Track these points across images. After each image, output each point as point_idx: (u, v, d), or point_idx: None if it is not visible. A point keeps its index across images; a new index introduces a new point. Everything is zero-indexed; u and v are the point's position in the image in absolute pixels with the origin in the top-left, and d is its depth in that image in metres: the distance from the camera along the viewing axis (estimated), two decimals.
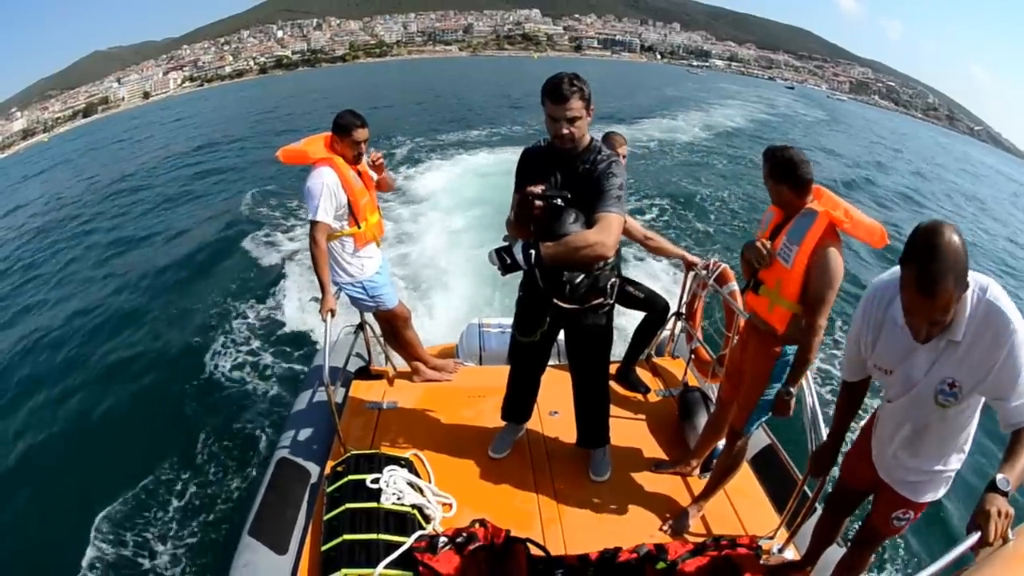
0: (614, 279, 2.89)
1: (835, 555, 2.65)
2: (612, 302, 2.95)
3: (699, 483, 3.27)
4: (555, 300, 2.76)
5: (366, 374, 4.26)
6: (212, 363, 6.92)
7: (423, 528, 2.82)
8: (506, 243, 2.53)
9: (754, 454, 3.39)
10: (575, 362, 3.17)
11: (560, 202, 2.53)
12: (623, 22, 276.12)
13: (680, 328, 4.42)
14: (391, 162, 14.55)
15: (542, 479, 3.31)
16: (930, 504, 2.15)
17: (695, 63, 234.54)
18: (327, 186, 3.31)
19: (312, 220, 3.33)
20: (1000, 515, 1.56)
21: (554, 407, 3.78)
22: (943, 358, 1.76)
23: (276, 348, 7.19)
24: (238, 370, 6.75)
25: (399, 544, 2.63)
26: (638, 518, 3.09)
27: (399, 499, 2.91)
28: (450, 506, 3.09)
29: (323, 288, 3.38)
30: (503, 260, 2.47)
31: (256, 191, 15.01)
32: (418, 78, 70.52)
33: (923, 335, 1.67)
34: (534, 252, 2.42)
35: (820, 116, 54.39)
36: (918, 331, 1.67)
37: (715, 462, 3.18)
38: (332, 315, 3.35)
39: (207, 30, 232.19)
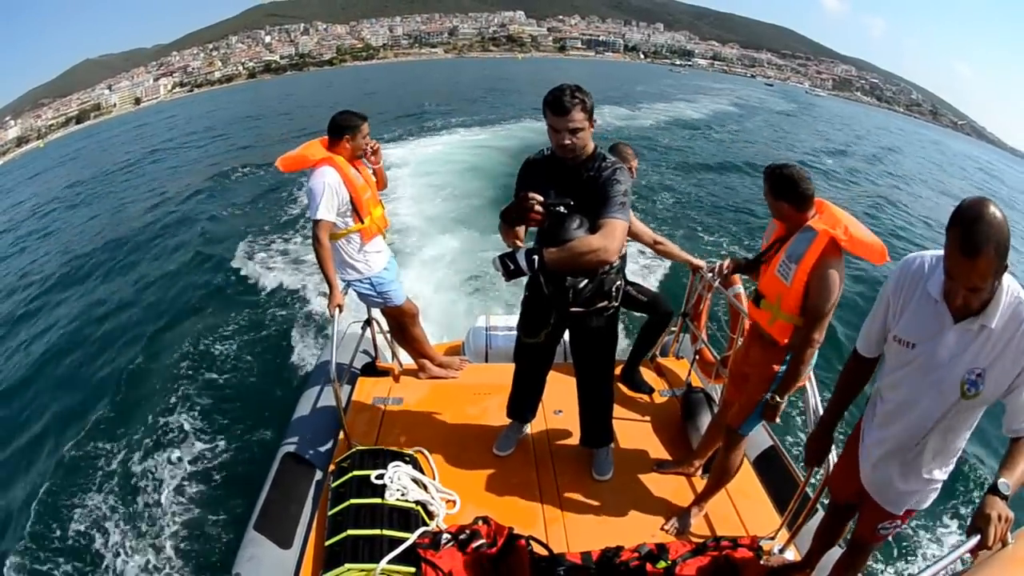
0: (619, 283, 2.89)
1: (834, 555, 2.67)
2: (617, 305, 2.95)
3: (701, 483, 3.27)
4: (560, 304, 2.78)
5: (372, 370, 4.28)
6: (218, 358, 6.96)
7: (427, 524, 2.83)
8: (510, 249, 2.53)
9: (756, 455, 3.41)
10: (580, 363, 3.17)
11: (563, 209, 2.53)
12: (607, 23, 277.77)
13: (685, 329, 4.43)
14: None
15: (545, 477, 3.32)
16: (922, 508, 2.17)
17: (678, 62, 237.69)
18: (328, 185, 3.34)
19: (314, 219, 3.36)
20: (1000, 519, 1.57)
21: (558, 406, 3.80)
22: (975, 344, 1.73)
23: (283, 343, 7.22)
24: (244, 364, 6.78)
25: (402, 540, 2.65)
26: (640, 517, 3.10)
27: (403, 495, 2.92)
28: (454, 503, 3.10)
29: (330, 284, 3.41)
30: (507, 266, 2.47)
31: (257, 191, 15.21)
32: (407, 79, 70.76)
33: (959, 300, 1.68)
34: (537, 258, 2.43)
35: (788, 109, 57.05)
36: (955, 296, 1.68)
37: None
38: (339, 311, 3.38)
39: (196, 36, 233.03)
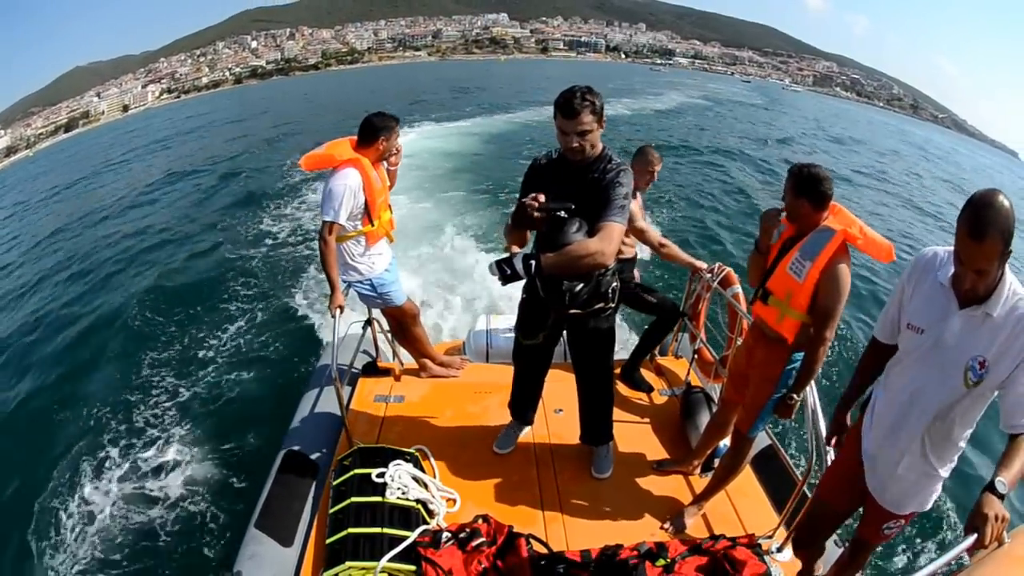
0: (615, 284, 2.90)
1: (832, 555, 2.69)
2: (613, 306, 2.96)
3: (700, 482, 3.30)
4: (559, 308, 2.80)
5: (373, 369, 4.29)
6: (220, 357, 6.97)
7: (427, 523, 2.85)
8: (507, 254, 2.54)
9: (755, 454, 3.41)
10: (579, 363, 3.19)
11: (564, 213, 2.54)
12: (589, 23, 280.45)
13: (684, 329, 4.45)
14: None
15: (545, 476, 3.34)
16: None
17: (658, 61, 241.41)
18: (349, 188, 3.33)
19: (325, 220, 3.35)
20: (996, 519, 1.59)
21: (559, 405, 3.82)
22: (979, 331, 1.82)
23: (285, 343, 7.22)
24: (246, 363, 6.79)
25: (403, 538, 2.67)
26: (639, 516, 3.11)
27: (404, 494, 2.93)
28: (454, 501, 3.12)
29: (332, 285, 3.42)
30: (503, 271, 2.48)
31: (257, 190, 15.18)
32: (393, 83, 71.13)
33: (968, 284, 1.77)
34: (534, 263, 2.44)
35: (757, 102, 59.12)
36: (964, 280, 1.77)
37: (717, 462, 3.21)
38: (340, 311, 3.39)
39: (183, 43, 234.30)
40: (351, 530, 2.70)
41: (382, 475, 2.97)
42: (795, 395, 2.64)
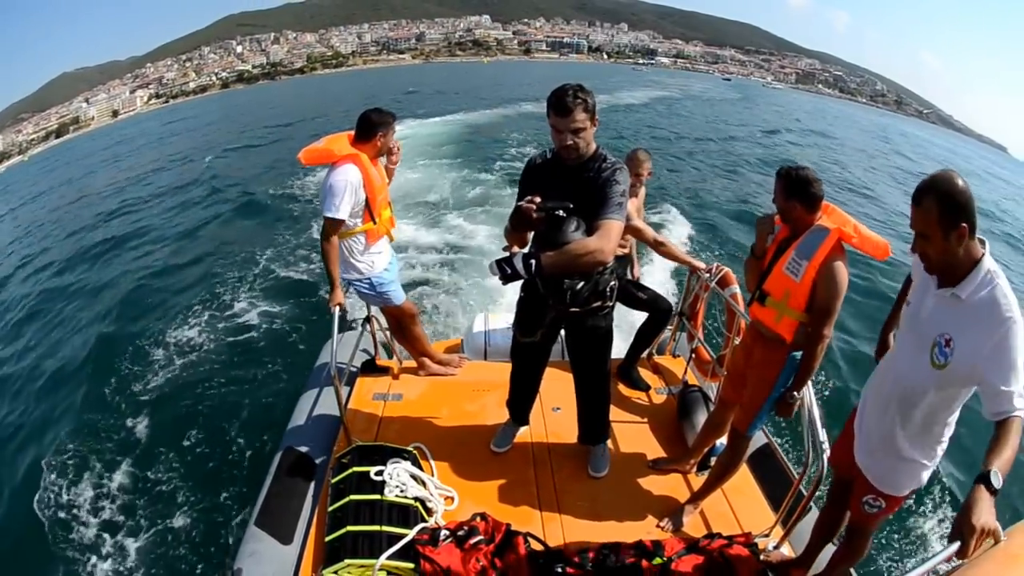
0: (613, 282, 2.90)
1: (828, 552, 2.70)
2: (611, 304, 2.97)
3: (697, 481, 3.32)
4: (557, 306, 2.81)
5: (372, 367, 4.29)
6: (219, 355, 6.99)
7: (425, 521, 2.86)
8: (506, 254, 2.55)
9: (751, 453, 3.42)
10: (576, 361, 3.19)
11: (562, 213, 2.54)
12: (571, 24, 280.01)
13: (682, 328, 4.46)
14: None
15: (543, 474, 3.35)
16: (908, 497, 2.21)
17: (641, 61, 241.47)
18: (350, 183, 3.32)
19: (328, 216, 3.34)
20: (983, 532, 1.54)
21: (556, 403, 3.83)
22: (947, 311, 1.88)
23: (283, 341, 7.24)
24: (245, 361, 6.79)
25: (401, 536, 2.68)
26: (636, 514, 3.12)
27: (402, 492, 2.94)
28: (452, 499, 3.13)
29: (332, 282, 3.43)
30: (503, 270, 2.49)
31: (252, 190, 15.23)
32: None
33: (915, 244, 1.89)
34: (534, 262, 2.44)
35: (732, 97, 61.81)
36: (913, 244, 1.90)
37: (714, 460, 3.23)
38: (340, 309, 3.40)
39: (169, 48, 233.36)
40: (350, 528, 2.71)
41: (380, 473, 2.98)
42: (796, 393, 2.66)
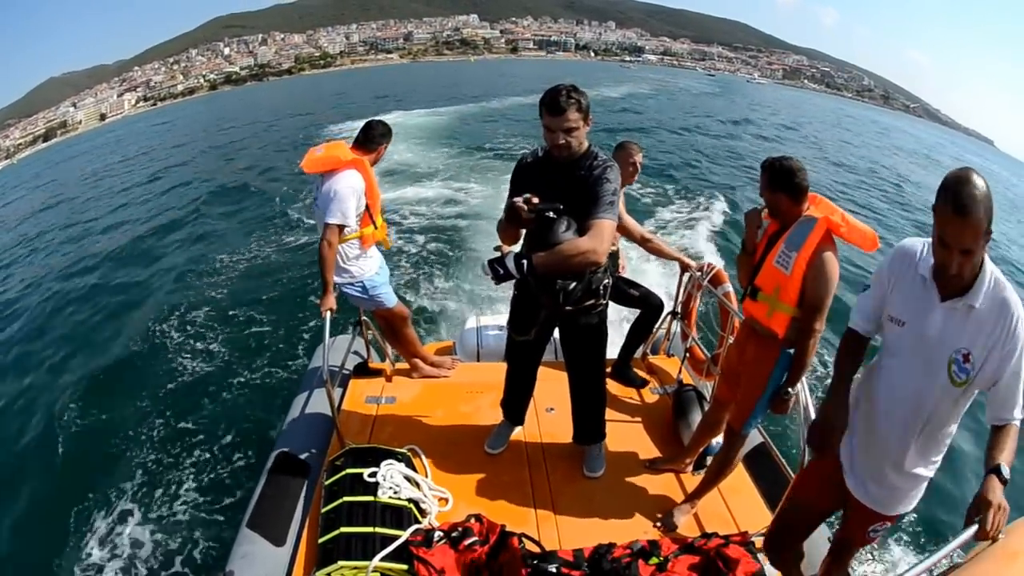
0: (606, 281, 2.90)
1: (818, 554, 2.69)
2: (605, 302, 2.96)
3: (693, 480, 3.29)
4: (552, 307, 2.80)
5: (365, 370, 4.28)
6: (211, 358, 6.95)
7: (419, 522, 2.84)
8: (498, 254, 2.54)
9: (747, 452, 3.41)
10: (571, 360, 3.18)
11: (552, 214, 2.53)
12: (559, 23, 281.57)
13: (676, 327, 4.45)
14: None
15: (538, 475, 3.33)
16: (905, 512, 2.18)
17: (627, 58, 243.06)
18: (355, 190, 3.35)
19: (334, 223, 3.33)
20: (1000, 508, 1.59)
21: (550, 404, 3.81)
22: (961, 323, 1.77)
23: (276, 344, 7.21)
24: (237, 364, 6.76)
25: (395, 538, 2.65)
26: (632, 514, 3.10)
27: (396, 493, 2.92)
28: (446, 500, 3.11)
29: (325, 286, 3.41)
30: (496, 271, 2.49)
31: (247, 193, 15.24)
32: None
33: (953, 267, 1.69)
34: (526, 262, 2.44)
35: (710, 91, 65.76)
36: (949, 262, 1.70)
37: (710, 460, 3.20)
38: (332, 312, 3.38)
39: (156, 51, 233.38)
40: (343, 529, 2.69)
41: (374, 475, 2.96)
42: (790, 389, 2.64)
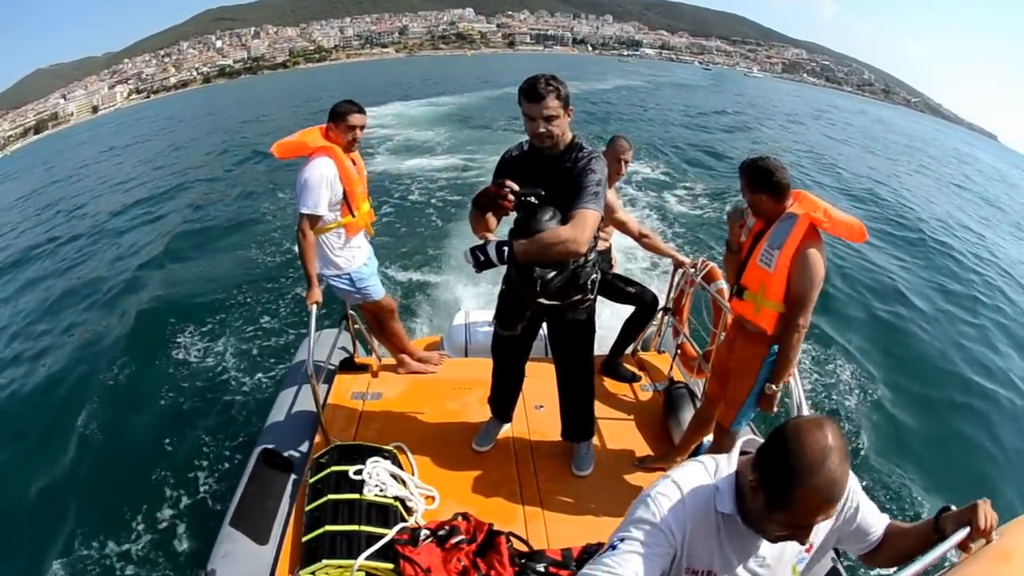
0: (595, 276, 2.88)
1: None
2: (593, 298, 2.94)
3: None
4: (529, 296, 2.76)
5: (350, 365, 4.23)
6: (193, 354, 6.86)
7: (405, 520, 2.81)
8: (481, 241, 2.51)
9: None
10: (559, 356, 3.16)
11: (534, 200, 2.51)
12: (556, 17, 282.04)
13: (667, 323, 4.42)
14: None
15: (526, 473, 3.30)
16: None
17: (625, 52, 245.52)
18: (325, 178, 3.28)
19: (304, 212, 3.30)
20: (987, 517, 1.55)
21: (539, 401, 3.78)
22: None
23: (260, 339, 7.13)
24: (221, 360, 6.68)
25: (381, 536, 2.62)
26: (621, 513, 3.01)
27: (382, 491, 2.89)
28: (433, 499, 3.08)
29: (309, 279, 3.38)
30: (476, 258, 2.45)
31: (231, 187, 15.17)
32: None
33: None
34: (507, 249, 2.41)
35: (702, 84, 67.66)
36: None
37: None
38: (317, 306, 3.35)
39: (146, 43, 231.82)
40: (328, 528, 2.66)
41: (360, 472, 2.93)
42: (774, 386, 2.62)
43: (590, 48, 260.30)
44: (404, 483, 3.03)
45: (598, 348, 3.24)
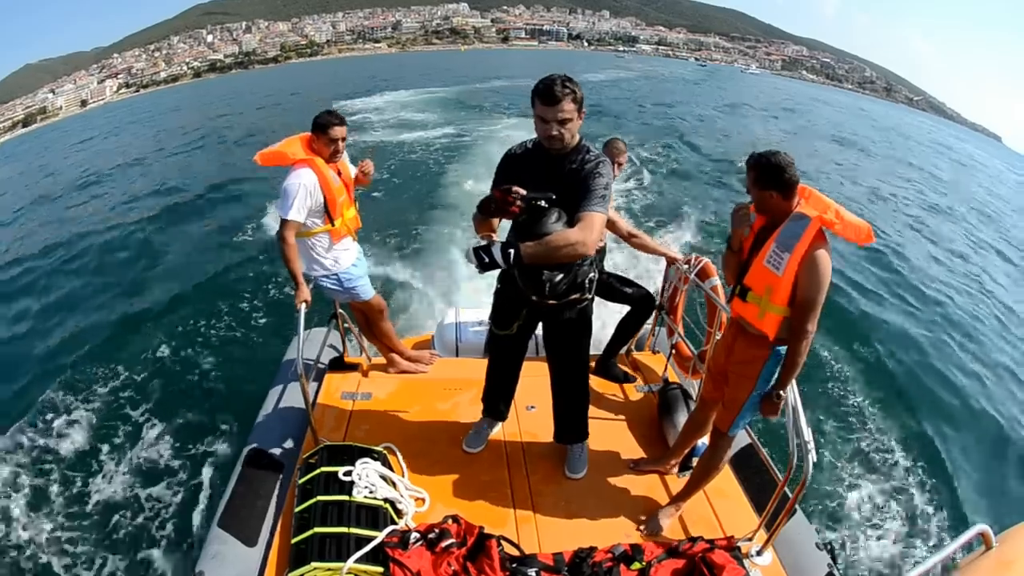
0: (592, 274, 2.86)
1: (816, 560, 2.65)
2: (590, 297, 2.92)
3: (678, 482, 3.23)
4: (535, 298, 2.75)
5: (340, 365, 4.20)
6: (183, 353, 6.80)
7: (395, 523, 2.79)
8: (484, 242, 2.48)
9: (734, 454, 3.35)
10: (553, 356, 3.13)
11: (544, 203, 2.48)
12: (552, 11, 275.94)
13: (661, 323, 4.39)
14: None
15: (517, 475, 3.27)
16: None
17: (621, 48, 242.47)
18: (304, 186, 3.30)
19: (283, 218, 3.32)
20: None
21: (532, 401, 3.75)
22: None
23: (249, 338, 7.10)
24: (210, 360, 6.64)
25: (370, 538, 2.60)
26: (614, 517, 3.05)
27: (371, 492, 2.87)
28: (423, 501, 3.05)
29: (295, 280, 3.38)
30: (481, 259, 2.42)
31: (224, 188, 14.99)
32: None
33: None
34: (513, 252, 2.38)
35: (693, 79, 69.68)
36: None
37: (696, 461, 3.14)
38: (306, 306, 3.33)
39: (136, 38, 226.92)
40: (317, 529, 2.63)
41: (349, 473, 2.90)
42: (781, 392, 2.57)
43: (586, 44, 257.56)
44: (394, 485, 3.01)
45: (592, 349, 3.21)
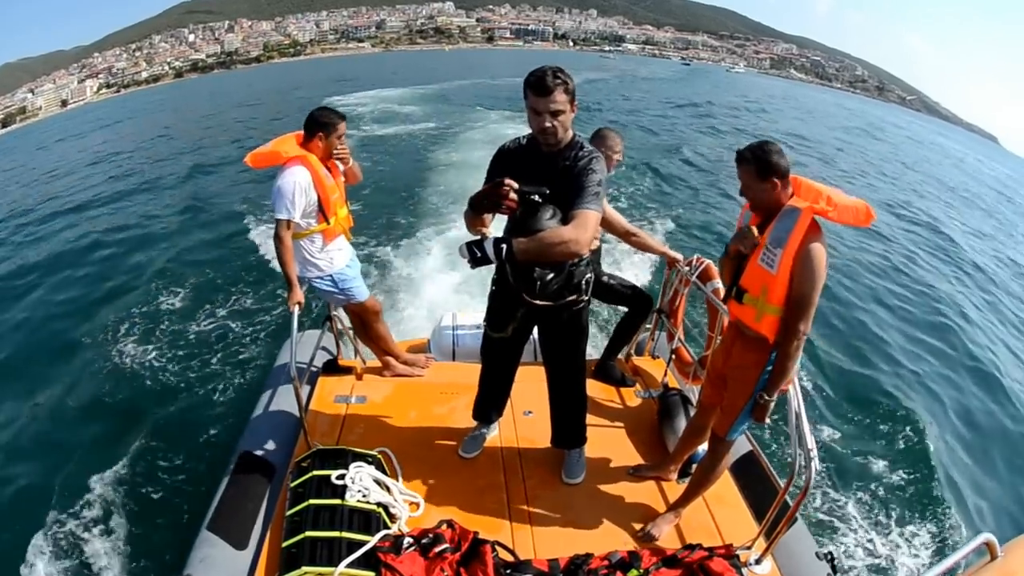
0: (589, 275, 2.82)
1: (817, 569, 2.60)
2: (586, 299, 2.88)
3: (677, 489, 3.19)
4: (525, 297, 2.71)
5: (334, 368, 4.16)
6: (175, 355, 6.76)
7: (388, 527, 2.75)
8: (477, 236, 2.45)
9: (735, 460, 3.30)
10: (550, 359, 3.09)
11: (538, 198, 2.45)
12: (538, 11, 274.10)
13: (661, 327, 4.35)
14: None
15: (513, 480, 3.24)
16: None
17: (607, 48, 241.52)
18: (299, 184, 3.27)
19: (278, 218, 3.30)
20: None
21: (528, 406, 3.72)
22: None
23: (242, 340, 7.06)
24: (199, 359, 6.61)
25: (362, 543, 2.57)
26: (611, 523, 3.02)
27: (365, 497, 2.84)
28: (417, 505, 3.02)
29: (289, 281, 3.36)
30: (473, 254, 2.40)
31: (214, 189, 15.03)
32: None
33: None
34: (506, 247, 2.35)
35: (675, 77, 72.35)
36: None
37: (695, 467, 3.09)
38: (299, 307, 3.32)
39: (116, 37, 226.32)
40: (308, 533, 2.60)
41: (342, 477, 2.87)
42: (766, 395, 2.53)
43: (571, 43, 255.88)
44: (388, 489, 2.99)
45: (589, 352, 3.17)
